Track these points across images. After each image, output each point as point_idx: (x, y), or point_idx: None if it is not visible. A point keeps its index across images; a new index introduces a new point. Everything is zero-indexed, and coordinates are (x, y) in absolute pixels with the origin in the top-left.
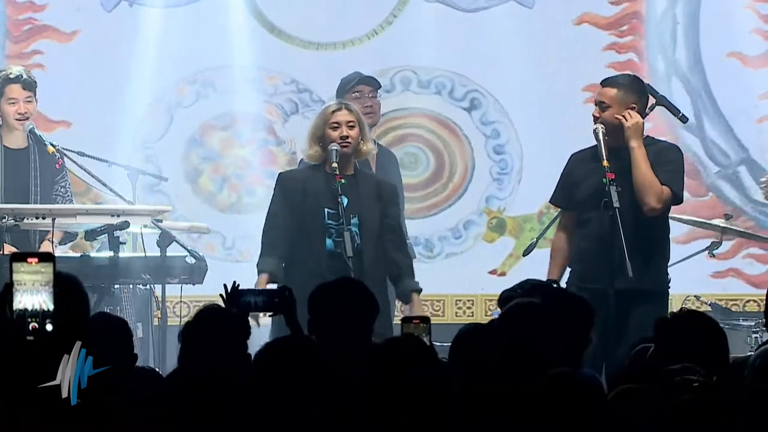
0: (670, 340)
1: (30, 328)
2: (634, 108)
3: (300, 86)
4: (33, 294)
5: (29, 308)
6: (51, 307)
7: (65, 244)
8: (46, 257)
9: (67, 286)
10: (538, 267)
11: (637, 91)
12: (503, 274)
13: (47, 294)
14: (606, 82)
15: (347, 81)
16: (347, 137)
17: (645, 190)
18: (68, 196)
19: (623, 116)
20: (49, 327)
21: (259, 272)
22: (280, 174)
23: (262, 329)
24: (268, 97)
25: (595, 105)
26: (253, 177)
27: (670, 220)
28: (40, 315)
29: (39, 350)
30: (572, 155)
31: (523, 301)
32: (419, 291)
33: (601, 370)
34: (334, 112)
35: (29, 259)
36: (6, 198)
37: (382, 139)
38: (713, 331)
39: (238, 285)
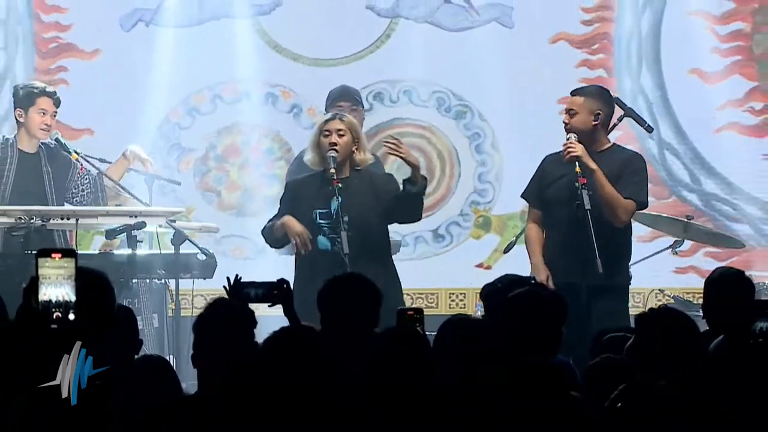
0: (649, 334)
1: (54, 317)
2: (599, 114)
3: (300, 98)
4: (57, 287)
5: (53, 300)
6: (73, 298)
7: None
8: (69, 253)
9: (96, 280)
10: (518, 261)
11: (601, 100)
12: (489, 267)
13: (70, 286)
14: (574, 92)
15: (329, 96)
16: (335, 144)
17: (612, 208)
18: (83, 195)
19: (566, 149)
20: (71, 316)
21: (278, 222)
22: (286, 182)
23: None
24: (271, 108)
25: (565, 113)
26: (257, 181)
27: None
28: (63, 306)
29: (67, 337)
30: (546, 157)
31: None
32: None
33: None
34: (326, 121)
35: (53, 255)
36: (19, 199)
37: (379, 151)
38: (689, 327)
39: (240, 278)
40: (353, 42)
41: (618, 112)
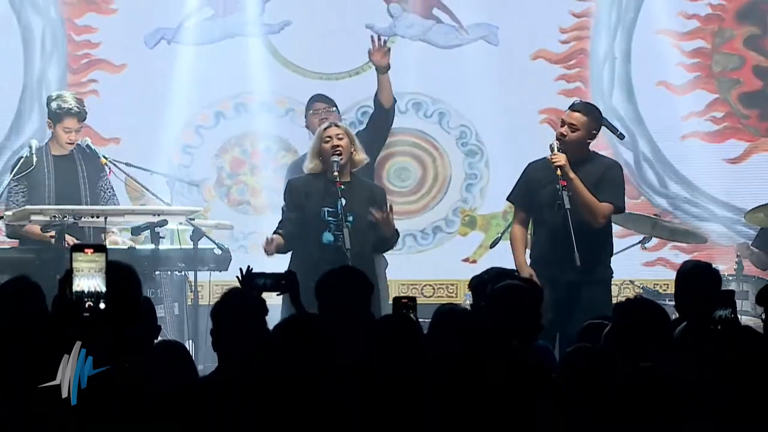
0: (625, 321)
1: (86, 306)
2: (594, 134)
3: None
4: (89, 279)
5: (86, 290)
6: (103, 289)
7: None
8: (100, 248)
9: (126, 273)
10: (501, 255)
11: (598, 121)
12: (474, 261)
13: (100, 279)
14: (577, 108)
15: (307, 102)
16: (338, 146)
17: (591, 212)
18: (108, 195)
19: (552, 158)
20: (101, 306)
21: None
22: (288, 180)
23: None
24: (280, 117)
25: (565, 125)
26: (268, 183)
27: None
28: (95, 296)
29: (96, 324)
30: (530, 164)
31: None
32: None
33: (554, 342)
34: (325, 129)
35: (86, 250)
36: (57, 198)
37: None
38: (661, 316)
39: (252, 269)
40: (355, 58)
41: None
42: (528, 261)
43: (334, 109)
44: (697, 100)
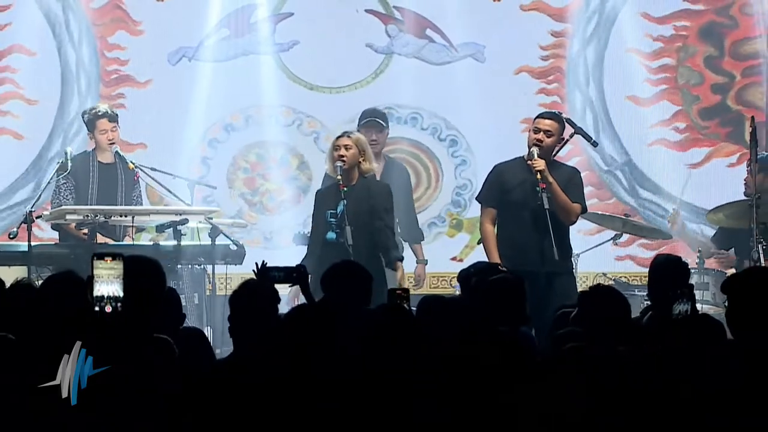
0: (589, 306)
1: (105, 310)
2: (563, 139)
3: (313, 119)
4: (108, 284)
5: (106, 295)
6: (121, 294)
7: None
8: (118, 257)
9: (152, 266)
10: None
11: (563, 126)
12: (461, 260)
13: (119, 284)
14: (548, 116)
15: (360, 118)
16: (343, 156)
17: (567, 212)
18: (140, 198)
19: (534, 164)
20: (119, 308)
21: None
22: (316, 191)
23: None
24: (289, 128)
25: (540, 132)
26: (278, 187)
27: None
28: (114, 300)
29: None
30: (498, 165)
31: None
32: (401, 259)
33: (532, 329)
34: (338, 138)
35: (106, 258)
36: (99, 199)
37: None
38: (620, 300)
39: (266, 263)
40: (356, 73)
41: (569, 130)
42: (504, 257)
43: (383, 129)
44: (662, 110)
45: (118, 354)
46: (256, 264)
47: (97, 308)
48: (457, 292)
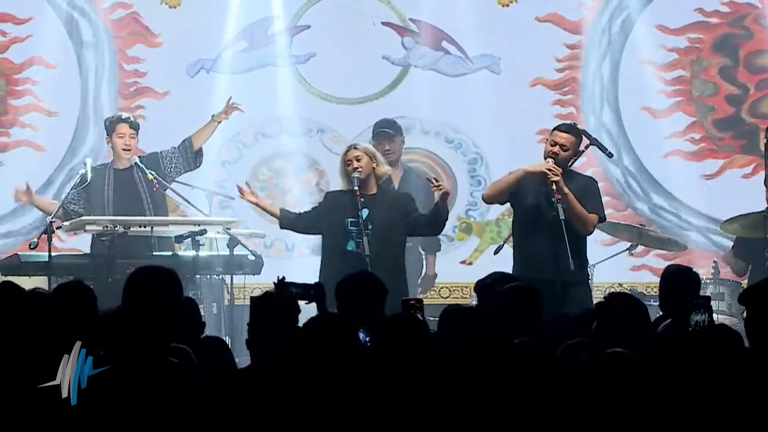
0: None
1: None
2: (579, 153)
3: (329, 130)
4: None
5: None
6: None
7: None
8: None
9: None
10: (495, 259)
11: (580, 140)
12: (470, 263)
13: None
14: (565, 129)
15: (373, 129)
16: (358, 167)
17: (582, 223)
18: (163, 208)
19: (549, 171)
20: None
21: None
22: (326, 192)
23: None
24: (306, 138)
25: (556, 145)
26: (296, 196)
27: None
28: None
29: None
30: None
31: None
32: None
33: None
34: (346, 152)
35: None
36: (115, 208)
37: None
38: (640, 308)
39: (284, 278)
40: (373, 85)
41: (585, 141)
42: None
43: (397, 138)
44: (678, 122)
45: (135, 364)
46: (277, 277)
47: None
48: (474, 303)
